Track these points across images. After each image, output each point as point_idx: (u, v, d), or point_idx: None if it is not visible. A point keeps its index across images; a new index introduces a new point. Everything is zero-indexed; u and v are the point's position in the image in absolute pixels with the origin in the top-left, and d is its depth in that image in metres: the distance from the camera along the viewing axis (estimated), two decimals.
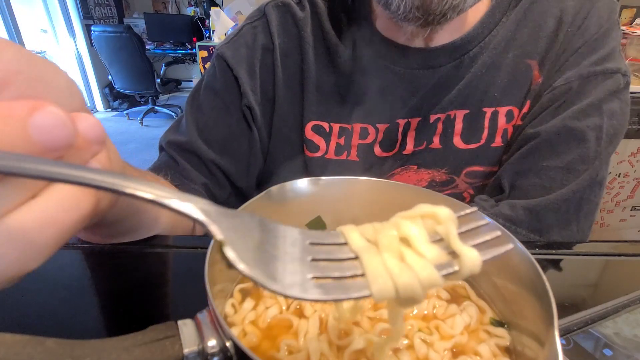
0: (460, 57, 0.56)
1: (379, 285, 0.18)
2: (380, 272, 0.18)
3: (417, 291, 0.18)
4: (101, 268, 0.44)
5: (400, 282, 0.18)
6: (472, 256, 0.19)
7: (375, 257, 0.18)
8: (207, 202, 0.17)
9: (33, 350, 0.18)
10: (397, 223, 0.20)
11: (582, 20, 0.53)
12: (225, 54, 0.59)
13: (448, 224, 0.20)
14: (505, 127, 0.57)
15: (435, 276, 0.18)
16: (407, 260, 0.18)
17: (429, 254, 0.19)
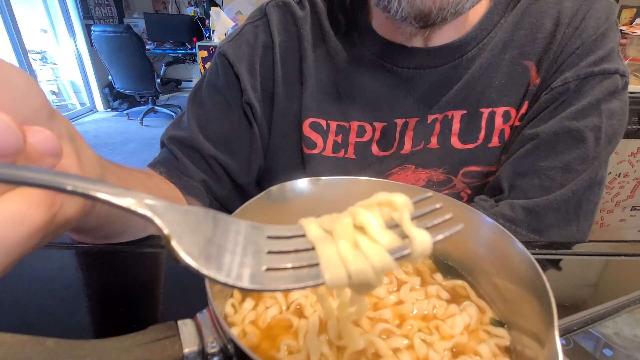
0: (458, 58, 0.56)
1: (332, 273, 0.18)
2: (334, 260, 0.18)
3: (370, 276, 0.18)
4: (101, 268, 0.44)
5: (352, 268, 0.18)
6: (422, 238, 0.19)
7: (329, 246, 0.19)
8: (152, 197, 0.17)
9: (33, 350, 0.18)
10: (353, 211, 0.20)
11: (579, 21, 0.53)
12: (227, 52, 0.59)
13: (403, 210, 0.20)
14: (503, 127, 0.58)
15: (387, 260, 0.18)
16: (360, 247, 0.19)
17: (383, 240, 0.19)
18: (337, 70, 0.59)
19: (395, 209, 0.21)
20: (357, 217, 0.20)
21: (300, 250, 0.19)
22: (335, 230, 0.19)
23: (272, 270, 0.18)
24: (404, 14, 0.46)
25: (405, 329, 0.30)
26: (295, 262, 0.18)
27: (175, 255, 0.16)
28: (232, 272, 0.17)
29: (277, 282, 0.17)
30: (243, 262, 0.18)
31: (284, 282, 0.18)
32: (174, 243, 0.16)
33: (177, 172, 0.58)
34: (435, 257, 0.38)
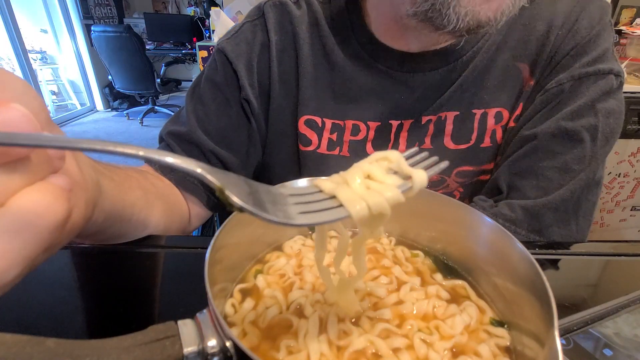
0: (453, 61, 0.56)
1: (356, 207, 0.22)
2: (355, 198, 0.22)
3: (385, 207, 0.22)
4: (101, 268, 0.44)
5: (371, 202, 0.22)
6: (420, 174, 0.24)
7: (347, 190, 0.23)
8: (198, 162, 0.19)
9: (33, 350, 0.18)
10: (359, 166, 0.25)
11: (572, 23, 0.54)
12: (226, 49, 0.60)
13: (399, 160, 0.25)
14: (494, 128, 0.58)
15: (397, 193, 0.23)
16: (372, 187, 0.23)
17: (389, 180, 0.24)
18: (332, 69, 0.59)
19: (391, 161, 0.25)
20: (363, 169, 0.24)
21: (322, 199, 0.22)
22: (349, 179, 0.23)
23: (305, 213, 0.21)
24: (461, 25, 0.44)
25: (405, 329, 0.30)
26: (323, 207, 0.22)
27: (230, 200, 0.19)
28: (276, 214, 0.20)
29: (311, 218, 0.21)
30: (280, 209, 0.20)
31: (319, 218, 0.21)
32: (227, 192, 0.18)
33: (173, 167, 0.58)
34: (435, 257, 0.38)
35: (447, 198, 0.36)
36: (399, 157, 0.25)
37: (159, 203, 0.50)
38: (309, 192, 0.23)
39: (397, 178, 0.24)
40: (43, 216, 0.18)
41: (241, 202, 0.19)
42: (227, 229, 0.30)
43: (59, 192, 0.19)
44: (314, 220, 0.21)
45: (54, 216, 0.18)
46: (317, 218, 0.21)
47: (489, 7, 0.43)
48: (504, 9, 0.44)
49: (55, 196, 0.19)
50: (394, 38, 0.56)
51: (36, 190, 0.18)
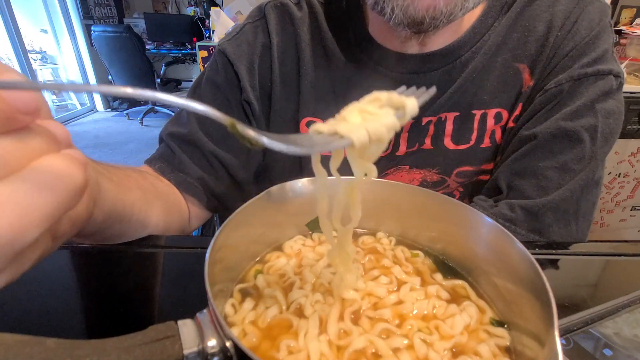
0: (452, 62, 0.56)
1: (357, 134, 0.23)
2: (355, 127, 0.23)
3: (384, 132, 0.24)
4: (101, 268, 0.44)
5: (370, 128, 0.23)
6: (411, 101, 0.25)
7: (346, 123, 0.24)
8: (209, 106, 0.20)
9: (33, 350, 0.18)
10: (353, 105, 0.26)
11: (572, 24, 0.54)
12: (227, 50, 0.60)
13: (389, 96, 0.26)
14: (493, 128, 0.59)
15: (392, 118, 0.24)
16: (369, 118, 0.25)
17: (384, 111, 0.25)
18: (333, 71, 0.60)
19: (381, 100, 0.26)
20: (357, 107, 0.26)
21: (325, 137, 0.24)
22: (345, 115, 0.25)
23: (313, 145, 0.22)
24: (397, 21, 0.47)
25: (405, 329, 0.30)
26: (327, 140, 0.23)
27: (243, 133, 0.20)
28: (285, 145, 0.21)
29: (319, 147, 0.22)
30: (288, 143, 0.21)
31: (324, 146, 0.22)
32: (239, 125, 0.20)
33: (173, 168, 0.58)
34: (435, 257, 0.38)
35: (447, 198, 0.36)
36: (388, 94, 0.26)
37: (158, 203, 0.50)
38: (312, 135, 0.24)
39: (389, 109, 0.25)
40: (64, 179, 0.19)
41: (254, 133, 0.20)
42: (227, 229, 0.30)
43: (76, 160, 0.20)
44: (319, 148, 0.22)
45: (74, 179, 0.19)
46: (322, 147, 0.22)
47: (419, 4, 0.45)
48: (440, 8, 0.45)
49: (73, 162, 0.19)
50: (388, 38, 0.56)
51: (54, 156, 0.19)
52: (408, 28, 0.48)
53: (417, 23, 0.47)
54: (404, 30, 0.50)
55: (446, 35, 0.55)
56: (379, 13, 0.49)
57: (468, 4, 0.46)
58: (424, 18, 0.46)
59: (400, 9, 0.46)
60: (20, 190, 0.17)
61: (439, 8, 0.45)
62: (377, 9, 0.48)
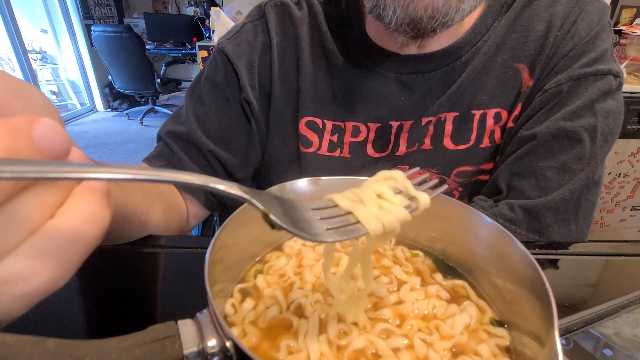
0: (452, 62, 0.56)
1: (372, 226, 0.24)
2: (371, 218, 0.25)
3: (396, 225, 0.25)
4: (102, 268, 0.44)
5: (385, 221, 0.25)
6: (424, 197, 0.27)
7: (364, 209, 0.26)
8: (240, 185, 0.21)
9: (33, 350, 0.18)
10: (370, 185, 0.28)
11: (571, 24, 0.54)
12: (227, 49, 0.60)
13: (404, 181, 0.28)
14: (493, 128, 0.59)
15: (406, 213, 0.26)
16: (384, 207, 0.26)
17: (397, 201, 0.27)
18: (332, 71, 0.59)
19: (397, 180, 0.28)
20: (374, 188, 0.27)
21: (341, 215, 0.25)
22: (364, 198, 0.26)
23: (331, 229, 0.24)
24: (398, 21, 0.47)
25: (405, 329, 0.30)
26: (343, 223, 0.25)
27: (275, 223, 0.21)
28: (311, 232, 0.22)
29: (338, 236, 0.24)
30: (311, 226, 0.23)
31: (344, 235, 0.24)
32: (272, 216, 0.21)
33: (172, 166, 0.58)
34: (435, 257, 0.38)
35: (447, 198, 0.36)
36: (403, 177, 0.28)
37: (158, 203, 0.50)
38: (328, 206, 0.26)
39: (403, 198, 0.27)
40: (93, 224, 0.19)
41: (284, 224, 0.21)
42: (227, 229, 0.30)
43: (101, 198, 0.19)
44: (341, 237, 0.24)
45: (102, 223, 0.19)
46: (343, 235, 0.24)
47: (419, 3, 0.45)
48: (438, 7, 0.45)
49: (99, 203, 0.19)
50: (386, 39, 0.56)
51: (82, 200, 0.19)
52: (408, 29, 0.48)
53: (416, 22, 0.47)
54: (401, 37, 0.50)
55: (446, 37, 0.55)
56: (378, 17, 0.48)
57: (464, 6, 0.46)
58: (422, 17, 0.46)
59: (401, 8, 0.45)
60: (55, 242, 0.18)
61: (436, 7, 0.45)
62: (376, 12, 0.48)
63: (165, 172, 0.19)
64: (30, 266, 0.17)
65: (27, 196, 0.17)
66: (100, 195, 0.19)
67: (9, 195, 0.16)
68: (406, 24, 0.47)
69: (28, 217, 0.17)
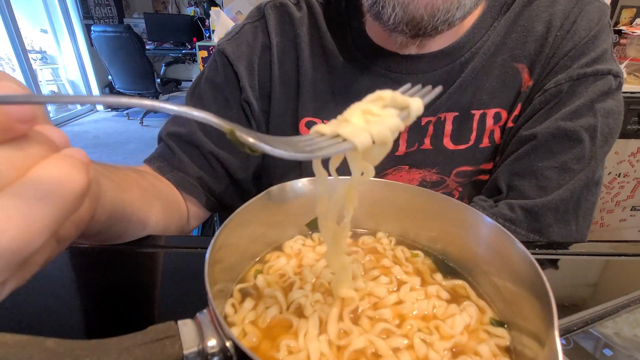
0: (451, 62, 0.56)
1: (360, 138, 0.22)
2: (358, 130, 0.23)
3: (387, 135, 0.23)
4: (101, 268, 0.44)
5: (374, 131, 0.23)
6: (416, 101, 0.24)
7: (349, 125, 0.23)
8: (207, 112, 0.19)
9: (33, 350, 0.18)
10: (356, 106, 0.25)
11: (571, 24, 0.54)
12: (227, 50, 0.60)
13: (393, 95, 0.25)
14: (493, 128, 0.59)
15: (397, 120, 0.24)
16: (372, 120, 0.24)
17: (387, 112, 0.24)
18: (332, 71, 0.60)
19: (385, 99, 0.25)
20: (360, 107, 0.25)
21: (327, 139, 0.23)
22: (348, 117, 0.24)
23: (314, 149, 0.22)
24: (397, 20, 0.46)
25: (405, 329, 0.30)
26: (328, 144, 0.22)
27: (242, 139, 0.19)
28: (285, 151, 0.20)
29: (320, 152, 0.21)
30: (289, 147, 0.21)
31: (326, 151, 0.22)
32: (238, 132, 0.19)
33: (172, 167, 0.58)
34: (435, 257, 0.38)
35: (447, 198, 0.36)
36: (392, 93, 0.25)
37: (157, 203, 0.50)
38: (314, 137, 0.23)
39: (393, 109, 0.24)
40: (63, 184, 0.18)
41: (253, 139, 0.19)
42: (227, 229, 0.30)
43: (77, 162, 0.19)
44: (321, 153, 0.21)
45: (74, 184, 0.19)
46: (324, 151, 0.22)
47: (419, 1, 0.45)
48: (438, 6, 0.45)
49: (73, 166, 0.19)
50: (386, 39, 0.56)
51: (54, 160, 0.19)
52: (406, 29, 0.48)
53: (416, 21, 0.46)
54: (400, 36, 0.50)
55: (446, 36, 0.55)
56: (377, 16, 0.48)
57: (465, 1, 0.46)
58: (422, 16, 0.46)
59: (400, 7, 0.45)
60: (22, 199, 0.17)
61: (436, 6, 0.45)
62: (375, 10, 0.48)
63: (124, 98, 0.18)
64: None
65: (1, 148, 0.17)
66: (76, 161, 0.19)
67: None
68: (405, 23, 0.47)
69: None
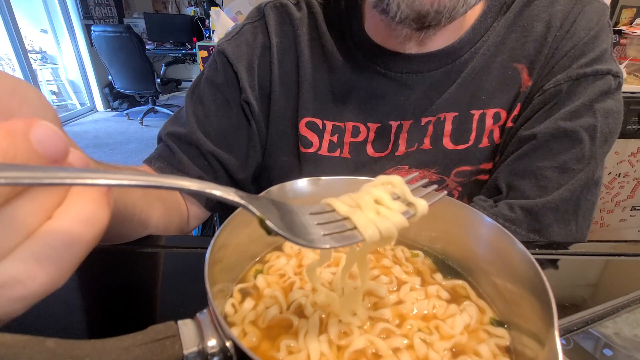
0: (451, 62, 0.56)
1: (369, 232, 0.24)
2: (368, 224, 0.25)
3: (393, 231, 0.25)
4: (102, 268, 0.44)
5: (382, 227, 0.25)
6: (422, 203, 0.26)
7: (361, 215, 0.25)
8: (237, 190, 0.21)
9: (33, 350, 0.18)
10: (368, 190, 0.27)
11: (570, 24, 0.54)
12: (226, 50, 0.60)
13: (402, 186, 0.27)
14: (492, 128, 0.59)
15: (403, 219, 0.26)
16: (382, 213, 0.26)
17: (395, 207, 0.26)
18: (332, 71, 0.60)
19: (395, 185, 0.28)
20: (372, 194, 0.27)
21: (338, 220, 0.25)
22: (361, 204, 0.26)
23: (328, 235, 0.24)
24: (403, 16, 0.46)
25: (405, 329, 0.30)
26: (340, 229, 0.24)
27: (271, 230, 0.21)
28: (307, 238, 0.22)
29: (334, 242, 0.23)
30: (308, 231, 0.23)
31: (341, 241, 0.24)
32: (268, 222, 0.21)
33: (172, 167, 0.58)
34: (435, 257, 0.38)
35: (447, 198, 0.35)
36: (401, 182, 0.28)
37: (158, 203, 0.50)
38: (325, 210, 0.26)
39: (401, 204, 0.27)
40: (91, 226, 0.19)
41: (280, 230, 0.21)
42: (227, 229, 0.30)
43: (100, 198, 0.19)
44: (337, 244, 0.23)
45: (100, 224, 0.19)
46: (339, 241, 0.24)
47: None
48: (445, 3, 0.45)
49: (97, 204, 0.19)
50: (389, 38, 0.56)
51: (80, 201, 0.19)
52: (413, 23, 0.48)
53: (421, 17, 0.46)
54: (405, 29, 0.50)
55: (445, 36, 0.55)
56: (383, 12, 0.48)
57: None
58: (428, 12, 0.46)
59: (406, 4, 0.45)
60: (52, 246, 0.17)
61: (443, 3, 0.45)
62: (380, 7, 0.48)
63: (162, 178, 0.19)
64: (27, 270, 0.17)
65: (24, 200, 0.17)
66: (98, 195, 0.19)
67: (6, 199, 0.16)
68: (411, 19, 0.47)
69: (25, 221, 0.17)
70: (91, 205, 0.19)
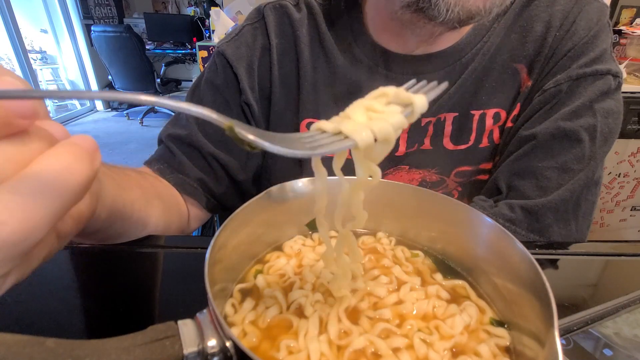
0: (452, 63, 0.57)
1: (361, 135, 0.22)
2: (359, 127, 0.22)
3: (390, 132, 0.22)
4: (101, 268, 0.44)
5: (376, 128, 0.22)
6: (420, 98, 0.23)
7: (351, 122, 0.23)
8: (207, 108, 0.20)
9: (33, 350, 0.18)
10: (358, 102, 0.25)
11: (570, 24, 0.54)
12: (226, 52, 0.60)
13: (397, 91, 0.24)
14: (492, 128, 0.59)
15: (400, 117, 0.23)
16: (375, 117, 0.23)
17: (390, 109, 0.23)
18: (332, 72, 0.60)
19: (389, 95, 0.24)
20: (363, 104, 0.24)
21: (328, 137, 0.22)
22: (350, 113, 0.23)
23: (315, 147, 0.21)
24: (453, 16, 0.45)
25: (405, 329, 0.30)
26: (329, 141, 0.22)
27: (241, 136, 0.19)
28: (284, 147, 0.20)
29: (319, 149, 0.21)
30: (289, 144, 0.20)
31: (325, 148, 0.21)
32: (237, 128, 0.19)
33: (173, 169, 0.58)
34: (435, 257, 0.38)
35: (447, 198, 0.36)
36: (395, 89, 0.25)
37: (158, 203, 0.50)
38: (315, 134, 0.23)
39: (396, 106, 0.24)
40: (64, 176, 0.18)
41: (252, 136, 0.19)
42: (227, 229, 0.30)
43: (80, 152, 0.19)
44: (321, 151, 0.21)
45: (76, 176, 0.18)
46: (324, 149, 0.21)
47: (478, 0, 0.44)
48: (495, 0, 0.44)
49: (75, 157, 0.19)
50: (391, 38, 0.56)
51: (56, 152, 0.18)
52: (457, 24, 0.46)
53: (471, 16, 0.45)
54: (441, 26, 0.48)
55: (449, 38, 0.55)
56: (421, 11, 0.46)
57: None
58: (479, 11, 0.45)
59: (461, 5, 0.44)
60: (22, 192, 0.17)
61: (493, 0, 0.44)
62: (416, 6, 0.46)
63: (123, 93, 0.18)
64: None
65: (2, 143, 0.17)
66: (80, 150, 0.19)
67: None
68: (456, 21, 0.46)
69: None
70: (70, 156, 0.18)
